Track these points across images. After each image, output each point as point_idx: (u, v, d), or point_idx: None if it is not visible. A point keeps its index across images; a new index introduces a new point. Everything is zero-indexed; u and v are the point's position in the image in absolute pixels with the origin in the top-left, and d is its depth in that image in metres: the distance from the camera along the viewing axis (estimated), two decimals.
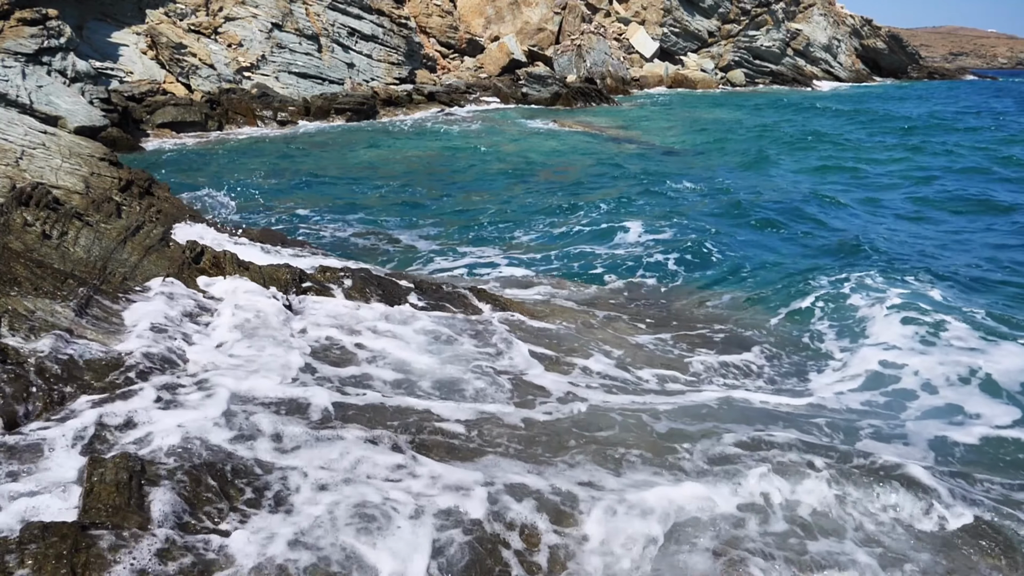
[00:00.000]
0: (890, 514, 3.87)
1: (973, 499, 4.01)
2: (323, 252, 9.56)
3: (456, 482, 3.71)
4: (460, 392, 4.99)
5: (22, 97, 19.73)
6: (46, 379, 3.99)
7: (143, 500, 3.15)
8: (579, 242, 11.34)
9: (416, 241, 11.61)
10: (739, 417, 5.04)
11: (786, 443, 4.44)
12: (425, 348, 5.62)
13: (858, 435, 5.01)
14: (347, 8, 34.40)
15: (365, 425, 4.23)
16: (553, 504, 3.64)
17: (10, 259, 5.02)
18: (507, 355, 5.77)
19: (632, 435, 4.55)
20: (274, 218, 12.93)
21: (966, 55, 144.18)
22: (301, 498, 3.44)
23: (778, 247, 11.09)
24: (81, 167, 8.77)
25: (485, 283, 8.79)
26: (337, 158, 20.25)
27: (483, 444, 4.26)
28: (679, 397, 5.46)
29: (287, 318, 5.70)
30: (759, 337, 7.26)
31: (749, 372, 6.41)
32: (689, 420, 4.88)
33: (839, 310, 7.94)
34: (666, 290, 8.99)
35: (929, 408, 5.74)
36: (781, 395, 5.77)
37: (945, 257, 10.55)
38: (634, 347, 6.71)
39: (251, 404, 4.24)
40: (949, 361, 6.41)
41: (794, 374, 6.46)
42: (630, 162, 19.52)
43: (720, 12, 56.48)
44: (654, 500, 3.69)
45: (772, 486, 3.92)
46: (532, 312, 7.15)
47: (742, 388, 5.89)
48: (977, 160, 19.83)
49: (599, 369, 5.94)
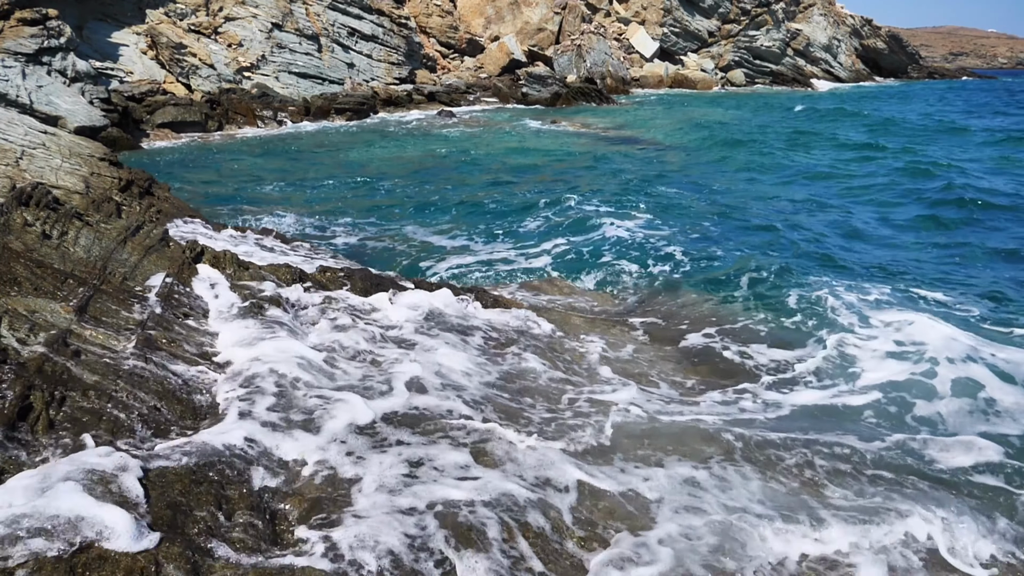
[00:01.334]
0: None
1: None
2: (330, 252, 9.56)
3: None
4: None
5: (22, 97, 19.73)
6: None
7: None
8: (578, 242, 11.33)
9: (416, 241, 11.60)
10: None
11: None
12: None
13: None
14: (347, 8, 34.41)
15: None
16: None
17: (10, 259, 5.02)
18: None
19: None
20: (273, 217, 12.93)
21: (966, 55, 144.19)
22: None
23: (777, 247, 11.09)
24: (81, 167, 8.77)
25: (485, 283, 8.79)
26: (337, 158, 20.25)
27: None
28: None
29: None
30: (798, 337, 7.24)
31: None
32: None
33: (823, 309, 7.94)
34: (667, 292, 8.99)
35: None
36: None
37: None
38: (634, 349, 6.71)
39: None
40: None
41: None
42: (630, 162, 19.52)
43: (720, 12, 56.49)
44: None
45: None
46: (539, 310, 7.16)
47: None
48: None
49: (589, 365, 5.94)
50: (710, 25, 56.20)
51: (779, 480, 4.35)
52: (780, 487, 4.27)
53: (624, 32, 52.65)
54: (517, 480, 3.91)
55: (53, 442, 3.58)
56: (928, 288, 8.83)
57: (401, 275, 8.35)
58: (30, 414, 3.76)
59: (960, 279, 9.47)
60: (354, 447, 4.04)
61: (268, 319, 5.54)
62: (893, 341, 6.88)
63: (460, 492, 3.67)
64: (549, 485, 3.95)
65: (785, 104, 39.91)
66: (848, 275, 9.24)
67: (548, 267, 10.10)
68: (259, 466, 3.75)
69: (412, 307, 6.42)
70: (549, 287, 8.73)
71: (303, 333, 5.56)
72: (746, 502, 4.05)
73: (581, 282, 9.25)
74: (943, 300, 8.40)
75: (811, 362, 6.62)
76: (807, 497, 4.19)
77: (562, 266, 10.10)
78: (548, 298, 8.24)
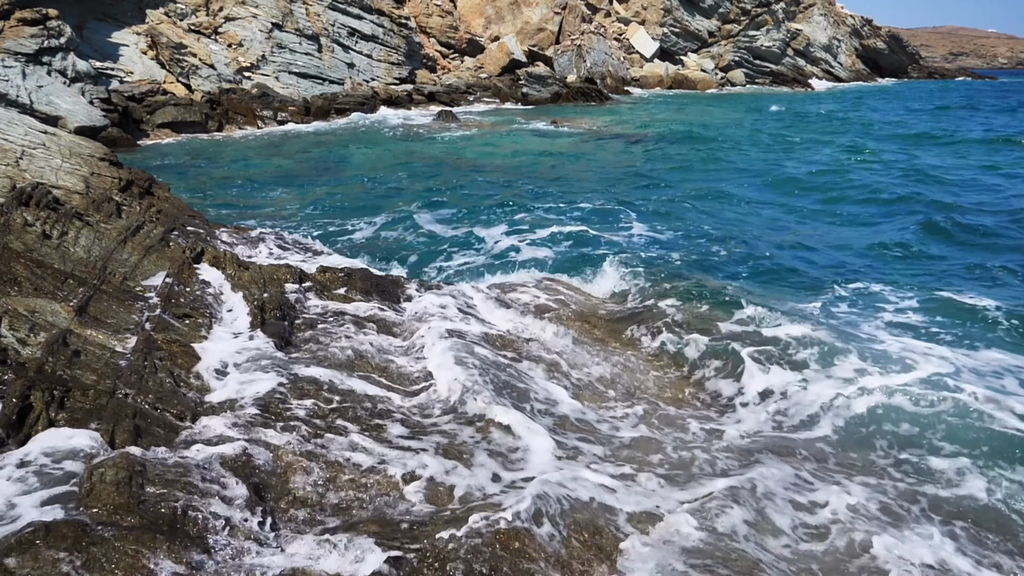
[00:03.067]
0: None
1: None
2: (327, 251, 9.55)
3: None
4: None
5: (22, 97, 19.73)
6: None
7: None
8: (577, 242, 11.34)
9: (416, 241, 11.60)
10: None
11: None
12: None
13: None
14: (347, 8, 34.41)
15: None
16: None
17: (10, 259, 5.03)
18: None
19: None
20: (273, 217, 12.93)
21: (966, 55, 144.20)
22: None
23: (774, 246, 11.11)
24: (81, 167, 8.77)
25: (484, 283, 8.79)
26: (337, 158, 20.25)
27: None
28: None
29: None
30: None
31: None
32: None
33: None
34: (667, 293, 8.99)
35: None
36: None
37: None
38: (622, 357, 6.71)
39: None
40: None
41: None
42: (629, 162, 19.52)
43: (720, 12, 56.48)
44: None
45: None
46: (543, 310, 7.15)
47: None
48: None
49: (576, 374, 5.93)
50: (710, 25, 56.18)
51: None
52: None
53: (624, 32, 52.64)
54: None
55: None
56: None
57: (402, 276, 8.35)
58: (30, 414, 3.76)
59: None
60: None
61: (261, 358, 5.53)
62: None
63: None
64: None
65: (778, 103, 40.31)
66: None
67: (549, 267, 10.10)
68: (255, 460, 3.75)
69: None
70: (551, 287, 8.72)
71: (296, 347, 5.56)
72: None
73: (584, 283, 9.23)
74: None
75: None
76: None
77: (563, 266, 10.10)
78: (551, 299, 8.24)
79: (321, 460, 3.92)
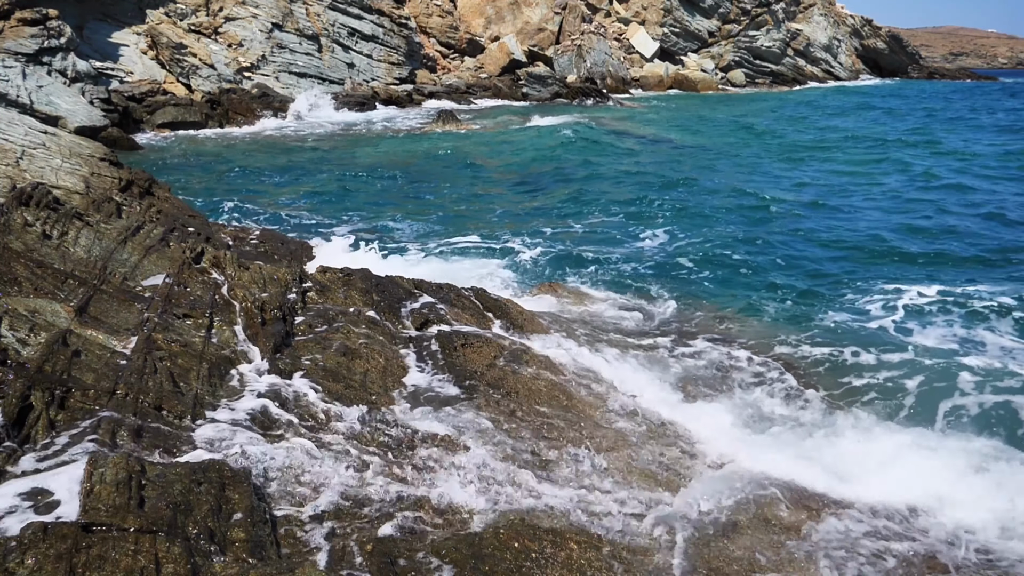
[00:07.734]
0: None
1: None
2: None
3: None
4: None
5: (22, 97, 19.73)
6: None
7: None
8: (577, 242, 11.34)
9: (417, 240, 11.60)
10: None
11: None
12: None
13: None
14: (347, 8, 34.40)
15: None
16: None
17: (10, 259, 5.02)
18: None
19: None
20: (273, 217, 12.93)
21: (966, 55, 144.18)
22: None
23: (775, 246, 11.11)
24: (81, 167, 8.77)
25: (487, 283, 8.78)
26: (337, 157, 20.25)
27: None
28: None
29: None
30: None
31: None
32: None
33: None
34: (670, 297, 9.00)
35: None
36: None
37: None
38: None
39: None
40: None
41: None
42: (629, 162, 19.52)
43: (720, 12, 56.46)
44: None
45: None
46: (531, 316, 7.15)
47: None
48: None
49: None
50: (710, 25, 56.15)
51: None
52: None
53: (624, 32, 52.61)
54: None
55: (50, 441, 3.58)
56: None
57: (402, 276, 8.34)
58: (30, 414, 3.76)
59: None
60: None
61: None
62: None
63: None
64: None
65: (775, 103, 40.16)
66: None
67: (548, 267, 10.09)
68: (258, 467, 3.75)
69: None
70: (551, 291, 8.72)
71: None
72: None
73: (585, 286, 9.23)
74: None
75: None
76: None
77: (563, 266, 10.10)
78: (553, 299, 8.25)
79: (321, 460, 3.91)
